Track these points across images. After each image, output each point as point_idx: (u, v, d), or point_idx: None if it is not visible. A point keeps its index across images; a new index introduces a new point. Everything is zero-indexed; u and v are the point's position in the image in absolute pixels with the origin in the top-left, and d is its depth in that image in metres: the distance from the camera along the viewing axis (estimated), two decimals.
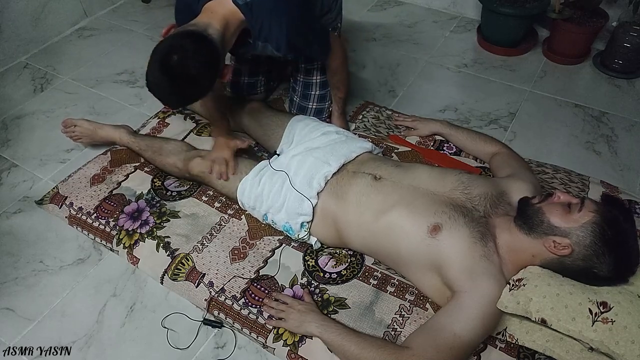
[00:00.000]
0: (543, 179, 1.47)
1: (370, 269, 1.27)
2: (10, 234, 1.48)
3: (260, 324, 1.19)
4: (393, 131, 1.68)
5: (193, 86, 1.10)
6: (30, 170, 1.69)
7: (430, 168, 1.25)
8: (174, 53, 1.04)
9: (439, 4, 2.41)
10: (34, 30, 2.21)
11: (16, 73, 2.13)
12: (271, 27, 1.21)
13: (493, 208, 1.13)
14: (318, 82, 1.58)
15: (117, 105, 1.94)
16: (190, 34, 1.09)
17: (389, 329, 1.15)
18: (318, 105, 1.63)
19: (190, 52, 1.05)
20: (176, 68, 1.05)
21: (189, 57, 1.05)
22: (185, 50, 1.05)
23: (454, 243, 1.05)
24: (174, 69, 1.05)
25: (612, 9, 1.95)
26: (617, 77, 1.95)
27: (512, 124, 1.78)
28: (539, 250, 1.03)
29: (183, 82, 1.08)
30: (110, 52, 2.23)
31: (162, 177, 1.55)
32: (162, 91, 1.10)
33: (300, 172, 1.29)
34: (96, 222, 1.45)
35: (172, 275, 1.30)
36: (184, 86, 1.09)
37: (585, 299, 0.96)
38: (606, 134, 1.72)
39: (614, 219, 0.97)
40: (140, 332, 1.24)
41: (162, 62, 1.05)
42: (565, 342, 1.00)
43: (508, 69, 2.03)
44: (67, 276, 1.37)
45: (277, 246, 1.35)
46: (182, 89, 1.09)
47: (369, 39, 2.25)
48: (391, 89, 1.96)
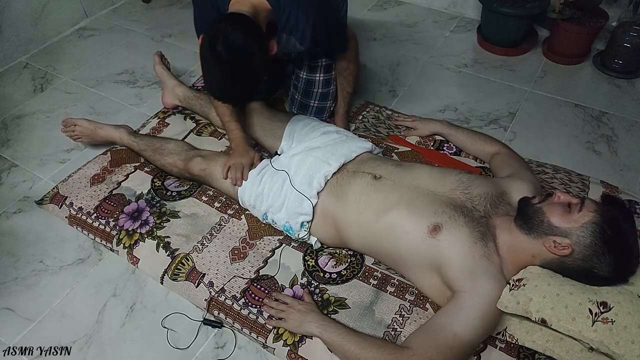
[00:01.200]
0: (543, 179, 1.47)
1: (370, 269, 1.27)
2: (10, 234, 1.48)
3: (260, 324, 1.19)
4: (393, 131, 1.68)
5: (247, 61, 1.09)
6: (30, 170, 1.69)
7: (430, 168, 1.25)
8: (216, 38, 1.06)
9: (439, 4, 2.42)
10: (34, 30, 2.21)
11: (16, 73, 2.13)
12: (298, 18, 1.22)
13: (493, 208, 1.13)
14: (321, 80, 1.58)
15: (117, 105, 1.94)
16: (221, 18, 1.10)
17: (389, 329, 1.15)
18: (320, 103, 1.62)
19: (229, 28, 1.07)
20: (223, 47, 1.05)
21: (229, 32, 1.06)
22: (224, 30, 1.06)
23: (454, 243, 1.05)
24: (222, 51, 1.05)
25: (612, 9, 1.95)
26: (617, 77, 1.95)
27: (512, 124, 1.78)
28: (539, 250, 1.03)
29: (236, 59, 1.07)
30: (110, 52, 2.23)
31: (162, 177, 1.55)
32: (223, 82, 1.10)
33: (300, 172, 1.29)
34: (96, 222, 1.45)
35: (172, 275, 1.30)
36: (239, 65, 1.08)
37: (585, 299, 0.96)
38: (606, 134, 1.72)
39: (614, 219, 0.97)
40: (140, 332, 1.24)
41: (212, 51, 1.06)
42: (565, 342, 1.00)
43: (508, 69, 2.03)
44: (67, 276, 1.37)
45: (277, 246, 1.35)
46: (239, 69, 1.08)
47: (369, 38, 2.25)
48: (391, 89, 1.96)
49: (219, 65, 1.08)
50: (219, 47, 1.06)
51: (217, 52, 1.06)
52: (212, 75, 1.12)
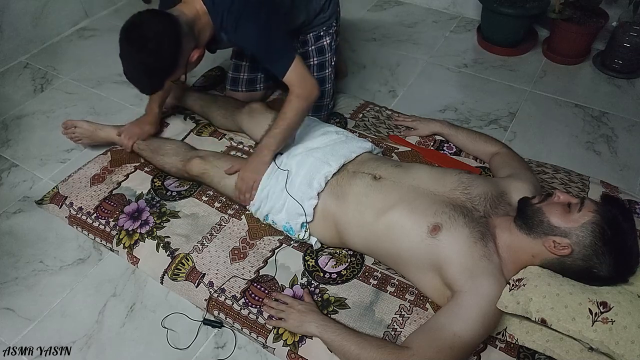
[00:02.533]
0: (543, 179, 1.47)
1: (370, 269, 1.27)
2: (10, 234, 1.48)
3: (260, 324, 1.19)
4: (393, 131, 1.68)
5: (153, 54, 1.12)
6: (30, 170, 1.69)
7: (430, 168, 1.25)
8: (133, 21, 1.13)
9: (439, 4, 2.42)
10: (34, 30, 2.21)
11: (16, 73, 2.13)
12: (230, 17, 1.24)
13: (493, 208, 1.13)
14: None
15: (118, 105, 1.94)
16: (150, 10, 1.15)
17: (389, 329, 1.15)
18: (316, 102, 1.62)
19: (146, 18, 1.13)
20: (134, 32, 1.12)
21: (144, 22, 1.12)
22: (143, 17, 1.13)
23: (454, 243, 1.05)
24: (132, 34, 1.12)
25: (612, 9, 1.95)
26: (617, 77, 1.95)
27: (512, 124, 1.78)
28: (539, 250, 1.03)
29: (141, 46, 1.11)
30: (110, 53, 2.20)
31: (162, 177, 1.55)
32: (128, 64, 1.16)
33: (300, 173, 1.29)
34: (96, 222, 1.45)
35: (172, 275, 1.30)
36: (143, 53, 1.12)
37: (585, 299, 0.96)
38: (606, 134, 1.72)
39: (613, 219, 0.97)
40: (140, 332, 1.24)
41: (125, 30, 1.13)
42: (565, 342, 1.00)
43: (508, 69, 2.03)
44: (67, 276, 1.37)
45: (277, 246, 1.35)
46: (143, 56, 1.12)
47: (369, 39, 2.25)
48: (391, 89, 1.96)
49: (126, 43, 1.13)
50: (131, 28, 1.12)
51: (128, 32, 1.12)
52: (121, 51, 1.16)
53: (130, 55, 1.14)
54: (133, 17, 1.13)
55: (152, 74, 1.17)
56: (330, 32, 1.57)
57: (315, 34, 1.55)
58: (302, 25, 1.53)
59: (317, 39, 1.56)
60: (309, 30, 1.55)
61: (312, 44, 1.56)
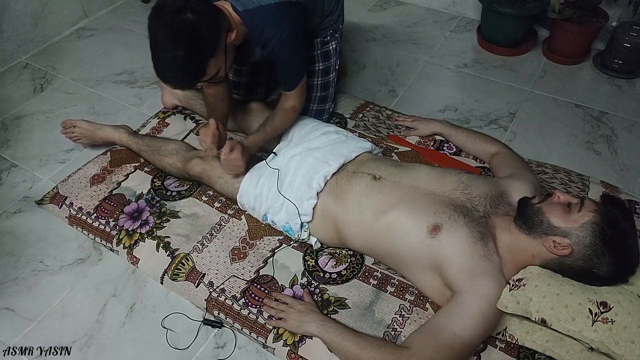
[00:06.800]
0: (543, 179, 1.47)
1: (370, 269, 1.27)
2: (10, 234, 1.48)
3: (260, 324, 1.19)
4: (393, 131, 1.68)
5: (193, 39, 1.07)
6: (30, 170, 1.69)
7: (430, 168, 1.25)
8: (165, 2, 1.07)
9: (439, 4, 2.42)
10: (34, 30, 2.21)
11: (16, 73, 2.13)
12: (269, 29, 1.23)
13: (493, 208, 1.13)
14: (319, 84, 1.58)
15: (117, 105, 1.94)
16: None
17: (389, 329, 1.15)
18: (319, 106, 1.63)
19: (191, 3, 1.07)
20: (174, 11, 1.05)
21: (188, 6, 1.06)
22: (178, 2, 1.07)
23: (453, 243, 1.05)
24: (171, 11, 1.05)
25: (612, 9, 1.95)
26: (617, 77, 1.95)
27: (512, 124, 1.78)
28: (538, 250, 1.03)
29: (182, 28, 1.05)
30: (110, 52, 2.23)
31: (162, 177, 1.55)
32: (163, 46, 1.08)
33: (299, 172, 1.29)
34: (96, 222, 1.45)
35: (172, 275, 1.30)
36: (182, 36, 1.06)
37: (585, 299, 0.96)
38: (606, 134, 1.72)
39: (613, 219, 0.97)
40: (140, 332, 1.24)
41: (156, 13, 1.07)
42: (565, 342, 1.00)
43: (508, 69, 2.03)
44: (67, 276, 1.37)
45: (277, 246, 1.35)
46: (182, 39, 1.06)
47: (369, 39, 2.25)
48: (391, 89, 1.96)
49: (161, 28, 1.06)
50: (169, 4, 1.06)
51: (167, 10, 1.06)
52: (154, 44, 1.09)
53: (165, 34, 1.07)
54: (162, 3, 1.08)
55: (193, 55, 1.10)
56: (336, 36, 1.55)
57: (322, 38, 1.53)
58: (314, 29, 1.50)
59: (324, 43, 1.53)
60: (318, 33, 1.52)
61: (319, 48, 1.54)
